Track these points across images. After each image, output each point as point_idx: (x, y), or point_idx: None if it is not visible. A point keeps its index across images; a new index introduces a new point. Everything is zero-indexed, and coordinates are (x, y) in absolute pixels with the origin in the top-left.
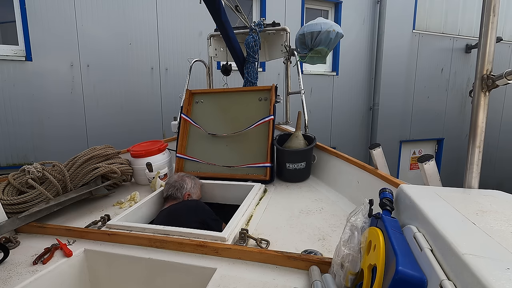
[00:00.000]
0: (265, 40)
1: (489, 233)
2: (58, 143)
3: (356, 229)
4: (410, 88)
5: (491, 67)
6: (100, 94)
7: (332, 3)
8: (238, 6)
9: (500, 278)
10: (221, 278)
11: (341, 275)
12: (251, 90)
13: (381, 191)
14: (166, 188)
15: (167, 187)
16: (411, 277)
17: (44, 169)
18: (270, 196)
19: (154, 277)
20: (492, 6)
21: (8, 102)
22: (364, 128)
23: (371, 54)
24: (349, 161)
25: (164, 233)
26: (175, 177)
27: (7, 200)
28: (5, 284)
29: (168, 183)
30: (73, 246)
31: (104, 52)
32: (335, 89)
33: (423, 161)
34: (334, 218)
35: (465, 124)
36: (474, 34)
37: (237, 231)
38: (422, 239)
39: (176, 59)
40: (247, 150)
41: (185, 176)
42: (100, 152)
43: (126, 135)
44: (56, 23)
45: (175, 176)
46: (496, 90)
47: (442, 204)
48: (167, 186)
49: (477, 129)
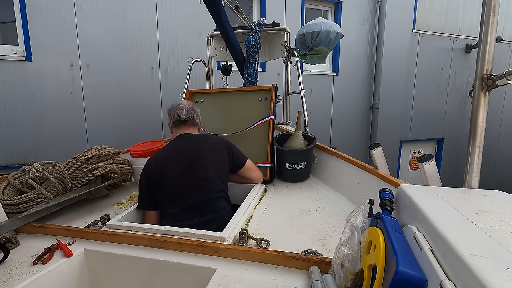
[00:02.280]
0: (265, 40)
1: (489, 233)
2: (58, 143)
3: (356, 229)
4: (410, 88)
5: (491, 67)
6: (100, 94)
7: (332, 3)
8: (238, 6)
9: (500, 278)
10: (221, 278)
11: (341, 275)
12: (251, 90)
13: (381, 191)
14: (184, 112)
15: (185, 110)
16: (411, 277)
17: (44, 169)
18: (270, 196)
19: (154, 277)
20: (492, 6)
21: (8, 102)
22: (364, 128)
23: (371, 54)
24: (349, 161)
25: (164, 233)
26: (185, 103)
27: (7, 200)
28: (5, 284)
29: (183, 107)
30: (73, 246)
31: (104, 52)
32: (335, 89)
33: (423, 161)
34: (334, 218)
35: (465, 124)
36: (474, 34)
37: (237, 231)
38: (422, 239)
39: (176, 59)
40: (247, 150)
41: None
42: (100, 152)
43: (126, 135)
44: (56, 23)
45: (185, 102)
46: (496, 90)
47: (442, 204)
48: (183, 110)
49: (477, 129)
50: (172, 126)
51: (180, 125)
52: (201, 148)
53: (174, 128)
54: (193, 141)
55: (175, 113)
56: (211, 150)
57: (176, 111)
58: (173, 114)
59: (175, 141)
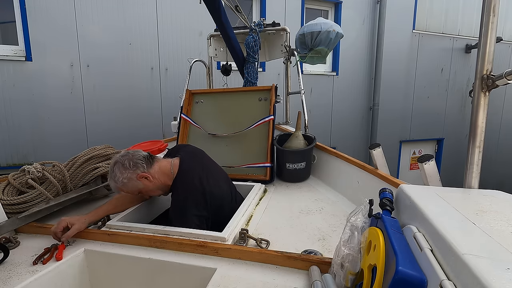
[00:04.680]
0: (265, 40)
1: (489, 233)
2: (58, 143)
3: (356, 229)
4: (410, 88)
5: (491, 67)
6: (100, 94)
7: (332, 3)
8: (238, 6)
9: (500, 278)
10: (221, 278)
11: (341, 275)
12: (251, 90)
13: (381, 191)
14: (140, 153)
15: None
16: (411, 277)
17: (44, 169)
18: (270, 196)
19: (154, 277)
20: (492, 6)
21: (8, 102)
22: (364, 128)
23: (371, 54)
24: (349, 161)
25: (164, 233)
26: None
27: (7, 200)
28: (5, 284)
29: (134, 152)
30: (73, 246)
31: (104, 52)
32: (335, 89)
33: (423, 161)
34: (334, 218)
35: (465, 124)
36: (474, 34)
37: (237, 231)
38: (422, 239)
39: (176, 59)
40: (247, 150)
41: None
42: (100, 152)
43: (126, 135)
44: (56, 23)
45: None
46: (496, 90)
47: (442, 204)
48: (138, 152)
49: (477, 129)
50: (150, 168)
51: (152, 160)
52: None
53: (155, 166)
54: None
55: (136, 159)
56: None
57: (134, 156)
58: (135, 160)
59: (189, 158)
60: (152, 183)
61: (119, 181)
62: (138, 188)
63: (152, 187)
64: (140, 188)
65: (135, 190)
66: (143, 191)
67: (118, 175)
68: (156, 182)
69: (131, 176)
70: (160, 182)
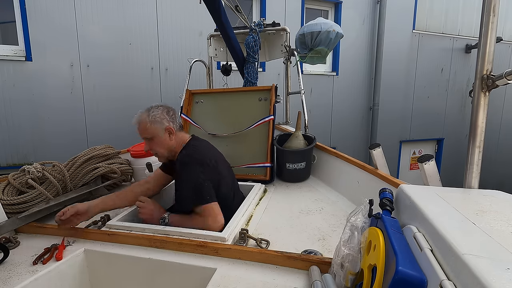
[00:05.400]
0: (265, 40)
1: (489, 233)
2: (58, 143)
3: (356, 229)
4: (410, 88)
5: (491, 67)
6: (100, 94)
7: (332, 3)
8: (238, 6)
9: (500, 278)
10: (221, 278)
11: (341, 275)
12: (251, 90)
13: (381, 191)
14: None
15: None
16: (411, 277)
17: (44, 169)
18: (270, 196)
19: (154, 277)
20: (492, 6)
21: (8, 102)
22: (364, 128)
23: (371, 54)
24: (349, 161)
25: (164, 233)
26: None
27: (7, 200)
28: (5, 284)
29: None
30: (73, 246)
31: (104, 52)
32: (335, 89)
33: (423, 161)
34: (334, 218)
35: (465, 124)
36: (474, 34)
37: (237, 231)
38: (422, 239)
39: (176, 59)
40: (247, 150)
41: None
42: (100, 152)
43: (126, 135)
44: (56, 23)
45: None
46: (495, 90)
47: (442, 204)
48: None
49: (477, 129)
50: (177, 130)
51: (181, 129)
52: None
53: (179, 132)
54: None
55: (176, 117)
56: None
57: (176, 115)
58: (175, 117)
59: (202, 140)
60: (167, 140)
61: (152, 115)
62: (156, 134)
63: (164, 144)
64: (157, 135)
65: (152, 132)
66: (156, 140)
67: (156, 112)
68: (171, 143)
69: (163, 121)
70: (173, 144)
